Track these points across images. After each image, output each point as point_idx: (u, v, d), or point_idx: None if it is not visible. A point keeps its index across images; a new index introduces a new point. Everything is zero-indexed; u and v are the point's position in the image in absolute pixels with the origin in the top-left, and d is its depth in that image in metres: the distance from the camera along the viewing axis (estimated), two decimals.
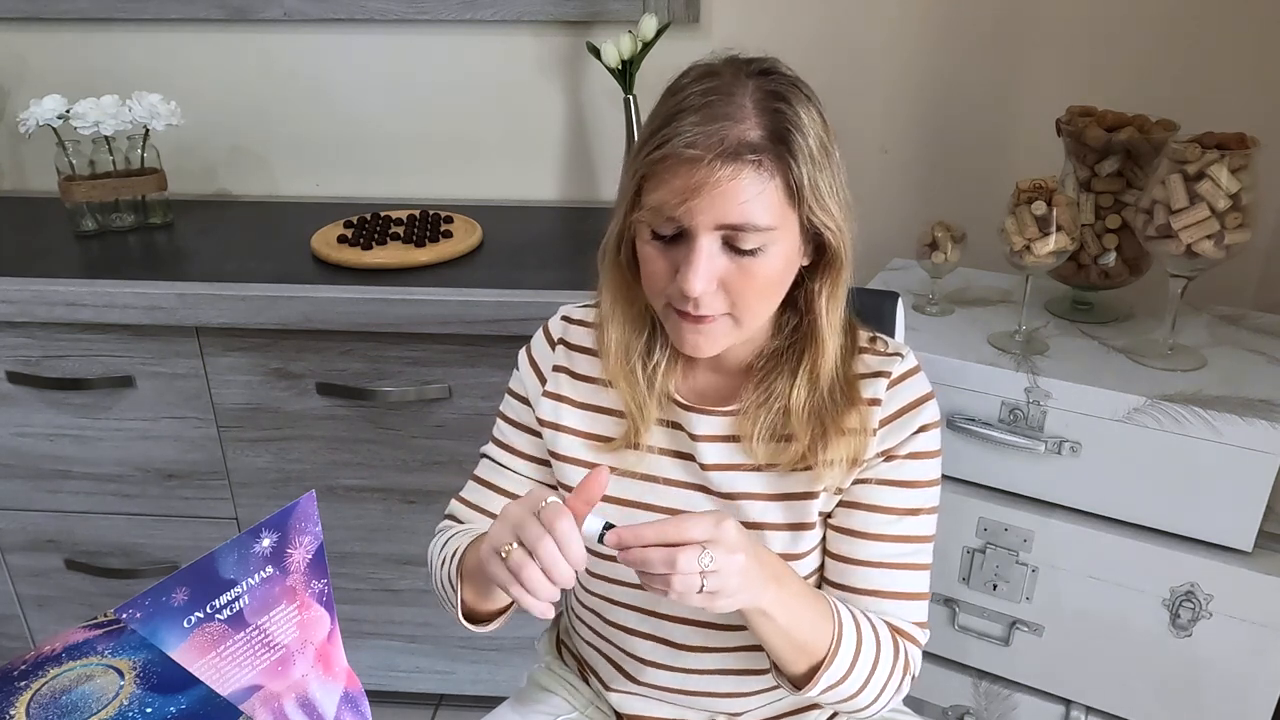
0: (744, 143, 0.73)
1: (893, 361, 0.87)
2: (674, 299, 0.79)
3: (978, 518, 1.28)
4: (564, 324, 0.96)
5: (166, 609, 0.58)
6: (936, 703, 1.41)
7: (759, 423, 0.85)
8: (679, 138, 0.74)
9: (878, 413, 0.85)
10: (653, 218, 0.77)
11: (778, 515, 0.87)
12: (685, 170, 0.74)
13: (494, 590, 0.80)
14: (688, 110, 0.75)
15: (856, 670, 0.82)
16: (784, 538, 0.87)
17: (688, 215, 0.75)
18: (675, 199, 0.74)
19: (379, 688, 1.69)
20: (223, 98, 1.80)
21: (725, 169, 0.73)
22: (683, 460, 0.90)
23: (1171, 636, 1.21)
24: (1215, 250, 1.16)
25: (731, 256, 0.77)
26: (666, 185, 0.75)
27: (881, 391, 0.86)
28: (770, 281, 0.79)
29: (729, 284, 0.78)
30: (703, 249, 0.76)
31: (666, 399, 0.89)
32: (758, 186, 0.74)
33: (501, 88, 1.75)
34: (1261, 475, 1.12)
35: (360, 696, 0.73)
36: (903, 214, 1.69)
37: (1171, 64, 1.55)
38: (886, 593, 0.87)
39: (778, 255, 0.78)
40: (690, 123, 0.74)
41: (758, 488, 0.87)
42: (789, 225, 0.77)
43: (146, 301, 1.39)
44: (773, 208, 0.75)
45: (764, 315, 0.82)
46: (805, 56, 1.62)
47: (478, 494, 1.00)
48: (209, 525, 1.59)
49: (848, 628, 0.81)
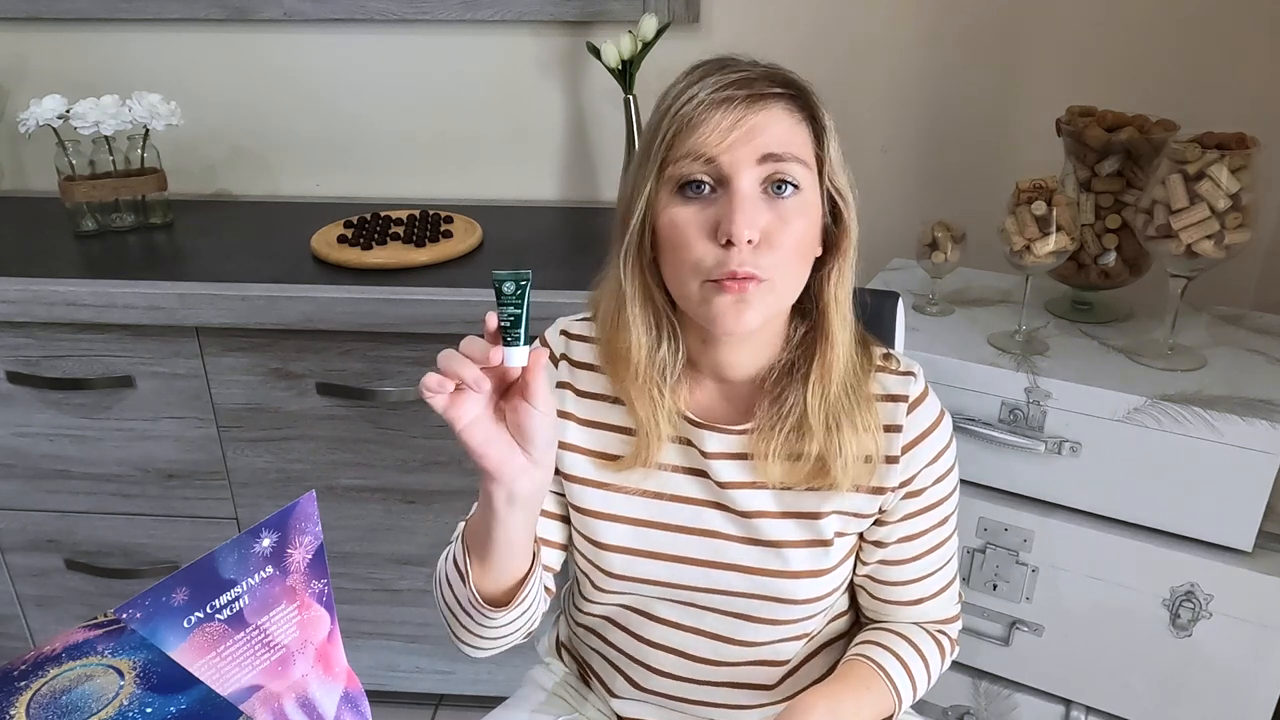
0: (773, 84, 0.77)
1: (908, 383, 0.86)
2: (712, 267, 0.76)
3: (978, 518, 1.28)
4: (564, 339, 0.92)
5: (166, 609, 0.58)
6: (936, 703, 1.41)
7: (773, 442, 0.84)
8: (707, 89, 0.76)
9: (898, 439, 0.85)
10: (689, 167, 0.76)
11: (795, 533, 0.86)
12: (720, 111, 0.75)
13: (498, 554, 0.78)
14: (708, 74, 0.77)
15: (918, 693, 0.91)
16: (804, 555, 0.86)
17: (729, 151, 0.75)
18: (715, 137, 0.75)
19: (379, 688, 1.69)
20: (223, 98, 1.80)
21: (761, 101, 0.76)
22: (696, 477, 0.88)
23: (1171, 636, 1.21)
24: (1215, 250, 1.16)
25: (770, 203, 0.76)
26: (701, 129, 0.75)
27: (902, 417, 0.85)
28: (802, 239, 0.78)
29: (770, 235, 0.76)
30: (745, 189, 0.75)
31: (677, 415, 0.87)
32: (794, 119, 0.77)
33: (501, 88, 1.75)
34: (1261, 475, 1.12)
35: (360, 696, 0.73)
36: (903, 214, 1.69)
37: (1171, 64, 1.55)
38: (930, 596, 0.92)
39: (808, 210, 0.78)
40: (712, 81, 0.76)
41: (772, 505, 0.87)
42: (814, 187, 0.79)
43: (146, 301, 1.39)
44: (807, 146, 0.78)
45: (793, 285, 0.80)
46: (806, 56, 1.64)
47: None
48: (209, 525, 1.58)
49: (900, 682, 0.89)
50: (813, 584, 0.87)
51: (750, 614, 0.89)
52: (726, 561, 0.87)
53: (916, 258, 1.40)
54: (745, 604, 0.88)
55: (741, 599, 0.88)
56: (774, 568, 0.86)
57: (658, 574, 0.88)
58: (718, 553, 0.87)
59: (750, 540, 0.87)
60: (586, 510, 0.90)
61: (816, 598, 0.88)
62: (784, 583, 0.86)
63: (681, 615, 0.91)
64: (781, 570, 0.86)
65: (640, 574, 0.89)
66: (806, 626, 0.91)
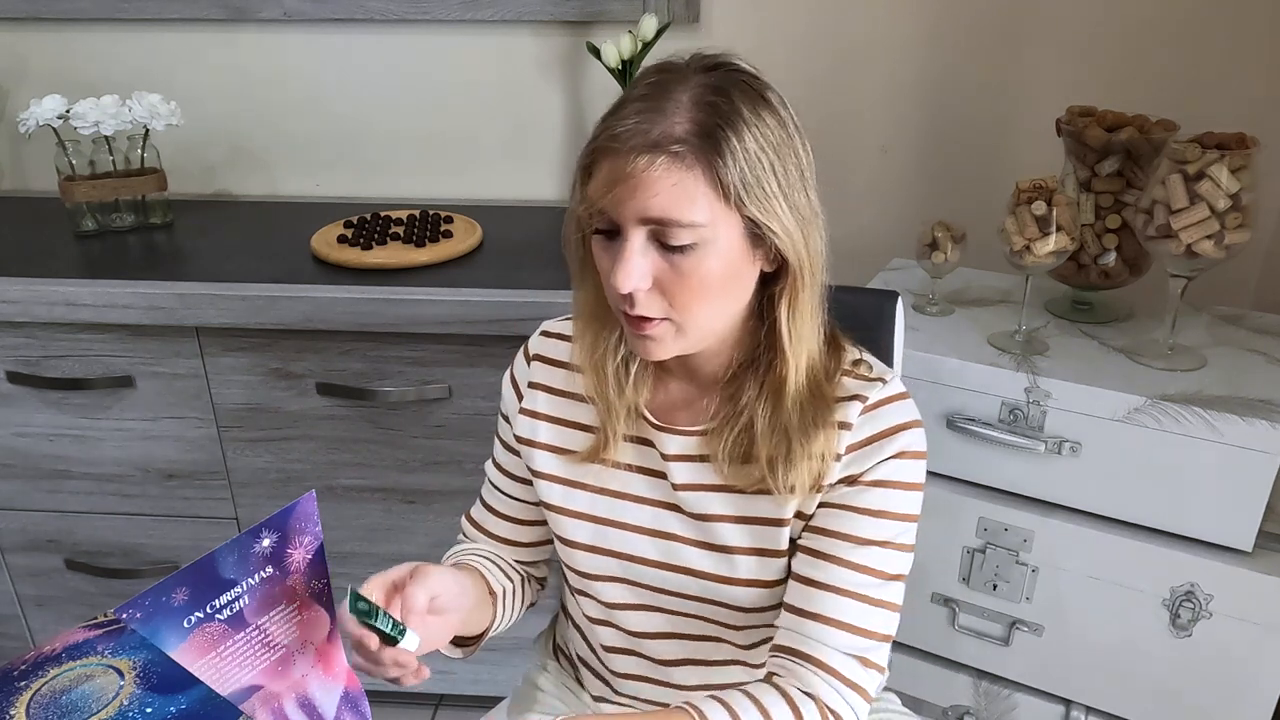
0: (667, 135, 0.72)
1: (872, 387, 0.82)
2: (619, 302, 0.77)
3: (978, 518, 1.28)
4: (541, 339, 0.95)
5: (166, 609, 0.58)
6: (936, 703, 1.41)
7: (724, 440, 0.82)
8: (607, 131, 0.74)
9: (846, 437, 0.81)
10: (588, 211, 0.76)
11: (745, 539, 0.85)
12: (609, 162, 0.73)
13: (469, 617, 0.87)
14: (627, 104, 0.75)
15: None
16: (750, 562, 0.85)
17: (613, 207, 0.74)
18: (602, 189, 0.74)
19: (379, 688, 1.69)
20: (223, 98, 1.80)
21: (642, 159, 0.71)
22: (652, 478, 0.88)
23: (1171, 636, 1.21)
24: (1215, 250, 1.16)
25: (663, 254, 0.74)
26: (595, 178, 0.75)
27: (854, 416, 0.81)
28: (707, 284, 0.75)
29: (663, 284, 0.75)
30: (631, 244, 0.74)
31: (636, 414, 0.87)
32: (675, 178, 0.72)
33: (501, 88, 1.75)
34: (1261, 475, 1.12)
35: (360, 696, 0.73)
36: (903, 214, 1.69)
37: (1171, 64, 1.55)
38: (839, 622, 0.80)
39: (714, 255, 0.74)
40: (623, 116, 0.74)
41: (727, 509, 0.85)
42: (724, 225, 0.73)
43: (146, 301, 1.39)
44: (698, 203, 0.72)
45: (710, 322, 0.78)
46: (805, 56, 1.64)
47: (479, 513, 1.02)
48: (209, 525, 1.58)
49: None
50: (761, 594, 0.85)
51: (701, 615, 0.89)
52: (679, 564, 0.87)
53: (916, 258, 1.40)
54: (697, 607, 0.88)
55: (693, 602, 0.88)
56: (723, 574, 0.85)
57: (617, 572, 0.90)
58: (671, 555, 0.87)
59: (702, 544, 0.86)
60: (553, 506, 0.92)
61: (765, 607, 0.86)
62: (733, 590, 0.86)
63: (646, 621, 0.92)
64: (731, 577, 0.85)
65: (604, 572, 0.90)
66: (758, 634, 0.90)
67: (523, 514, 0.99)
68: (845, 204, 1.67)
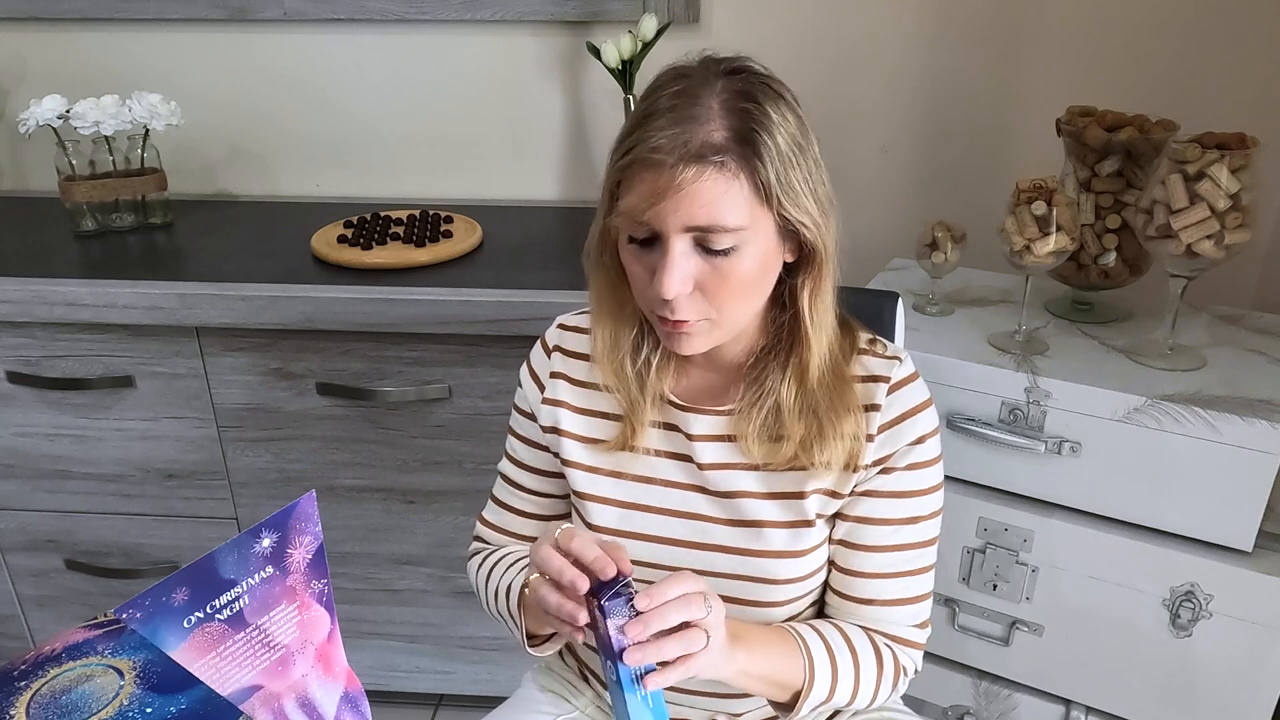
0: (708, 144, 0.74)
1: (892, 366, 0.87)
2: (654, 304, 0.80)
3: (978, 518, 1.28)
4: (559, 331, 0.97)
5: (166, 609, 0.58)
6: (936, 703, 1.41)
7: (753, 421, 0.86)
8: (644, 143, 0.75)
9: (876, 418, 0.86)
10: (626, 223, 0.78)
11: (776, 513, 0.88)
12: (651, 175, 0.75)
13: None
14: (656, 114, 0.76)
15: (839, 689, 0.85)
16: (783, 535, 0.88)
17: (656, 219, 0.75)
18: (643, 203, 0.75)
19: (379, 688, 1.69)
20: (223, 98, 1.80)
21: (689, 171, 0.73)
22: (680, 461, 0.90)
23: (1171, 636, 1.21)
24: (1215, 250, 1.16)
25: (705, 258, 0.77)
26: (635, 190, 0.76)
27: (881, 397, 0.86)
28: (746, 282, 0.79)
29: (705, 286, 0.78)
30: (675, 252, 0.76)
31: (661, 400, 0.90)
32: (722, 187, 0.74)
33: (501, 88, 1.75)
34: (1261, 475, 1.12)
35: (360, 696, 0.73)
36: (903, 214, 1.69)
37: (1171, 64, 1.55)
38: (886, 600, 0.89)
39: (752, 255, 0.78)
40: (657, 126, 0.75)
41: (754, 486, 0.88)
42: (762, 224, 0.77)
43: (146, 301, 1.39)
44: (741, 207, 0.75)
45: (745, 316, 0.83)
46: (805, 56, 1.64)
47: (496, 514, 1.02)
48: (209, 525, 1.58)
49: (818, 657, 0.84)
50: (793, 564, 0.88)
51: (734, 595, 0.90)
52: (709, 542, 0.89)
53: (916, 258, 1.40)
54: (728, 585, 0.89)
55: (725, 580, 0.89)
56: (754, 548, 0.88)
57: (645, 556, 0.91)
58: (701, 534, 0.89)
59: (731, 521, 0.89)
60: (581, 494, 0.93)
61: (797, 578, 0.89)
62: (764, 562, 0.88)
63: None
64: (762, 550, 0.88)
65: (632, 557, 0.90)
66: (793, 609, 0.91)
67: (548, 510, 1.00)
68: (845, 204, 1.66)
